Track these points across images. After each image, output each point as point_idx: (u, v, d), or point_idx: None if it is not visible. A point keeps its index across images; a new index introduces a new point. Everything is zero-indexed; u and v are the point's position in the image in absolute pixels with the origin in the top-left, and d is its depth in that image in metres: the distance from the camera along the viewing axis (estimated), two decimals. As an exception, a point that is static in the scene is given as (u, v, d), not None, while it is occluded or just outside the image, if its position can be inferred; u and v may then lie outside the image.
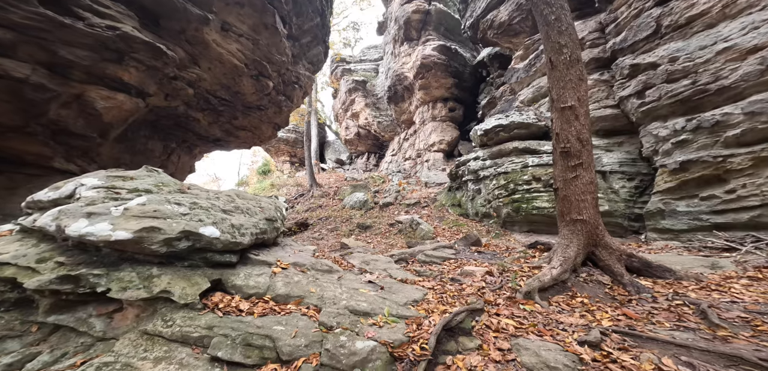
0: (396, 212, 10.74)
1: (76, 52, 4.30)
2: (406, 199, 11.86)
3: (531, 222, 6.57)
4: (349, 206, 13.97)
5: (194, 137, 9.02)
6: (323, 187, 17.08)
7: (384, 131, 21.02)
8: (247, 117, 9.24)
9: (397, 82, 16.93)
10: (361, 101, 20.87)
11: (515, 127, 7.73)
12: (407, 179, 15.89)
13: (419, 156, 16.85)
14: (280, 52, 8.12)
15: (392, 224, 9.28)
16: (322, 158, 25.36)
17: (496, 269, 3.37)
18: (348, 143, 23.52)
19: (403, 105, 18.00)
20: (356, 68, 22.53)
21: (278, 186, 19.27)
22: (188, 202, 2.13)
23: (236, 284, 2.14)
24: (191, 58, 6.32)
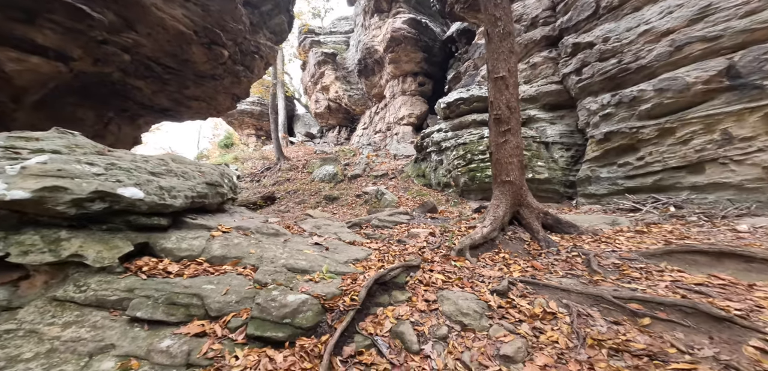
0: (364, 184, 10.88)
1: None
2: (374, 171, 12.01)
3: (485, 190, 7.02)
4: (319, 178, 13.88)
5: (137, 107, 8.35)
6: (291, 160, 16.70)
7: (355, 105, 20.67)
8: (200, 87, 8.67)
9: (368, 56, 16.54)
10: (331, 74, 20.19)
11: (475, 100, 7.99)
12: (377, 152, 15.98)
13: (389, 129, 16.91)
14: (235, 20, 7.57)
15: (359, 195, 9.44)
16: (291, 132, 24.55)
17: (438, 231, 3.64)
18: (318, 116, 22.91)
19: (373, 79, 17.71)
20: (326, 40, 21.55)
21: (242, 160, 18.52)
22: (105, 163, 2.04)
23: (166, 247, 2.13)
24: (125, 23, 5.73)
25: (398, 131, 15.78)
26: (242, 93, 10.38)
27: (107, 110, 7.69)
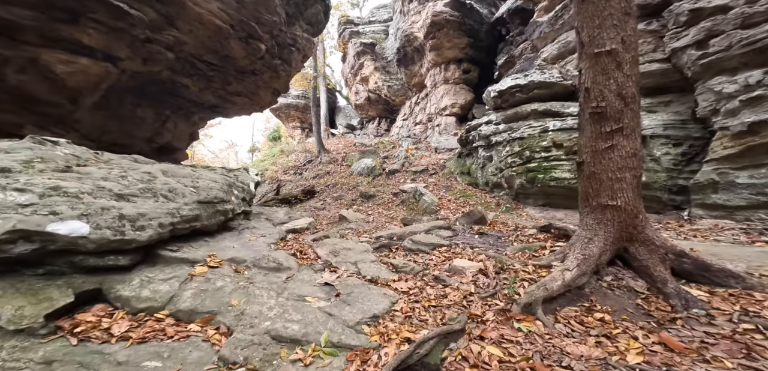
0: (402, 180, 10.07)
1: (14, 11, 3.69)
2: (413, 166, 11.10)
3: (547, 195, 5.74)
4: (357, 172, 13.43)
5: (189, 104, 8.51)
6: (331, 153, 16.54)
7: (395, 96, 19.75)
8: (242, 83, 8.56)
9: (407, 44, 15.41)
10: (370, 64, 19.48)
11: (535, 86, 6.60)
12: (416, 145, 14.98)
13: (430, 121, 15.74)
14: (270, 11, 7.17)
15: (396, 193, 8.66)
16: (332, 124, 24.61)
17: (492, 266, 2.69)
18: (358, 108, 22.49)
19: (413, 68, 16.56)
20: (365, 30, 20.81)
21: (287, 152, 18.92)
22: (46, 187, 1.57)
23: (123, 295, 1.63)
24: (166, 20, 5.57)
25: (440, 122, 14.55)
26: (282, 87, 10.16)
27: (164, 109, 7.92)
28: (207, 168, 3.15)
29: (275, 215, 8.02)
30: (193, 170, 2.69)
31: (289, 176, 16.18)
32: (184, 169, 2.68)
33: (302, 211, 8.80)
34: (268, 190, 15.17)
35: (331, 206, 9.14)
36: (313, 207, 9.02)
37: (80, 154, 2.15)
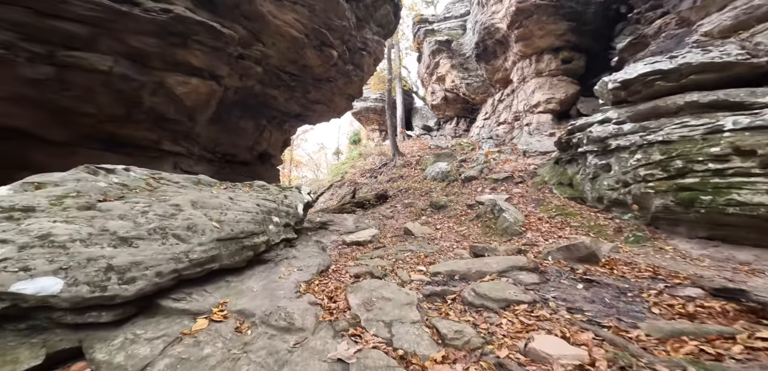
0: (479, 188, 8.65)
1: (143, 40, 4.31)
2: (493, 172, 9.48)
3: (719, 224, 3.63)
4: (430, 177, 12.53)
5: (280, 114, 9.24)
6: (406, 156, 16.07)
7: (474, 93, 17.91)
8: (319, 90, 8.81)
9: (487, 37, 13.56)
10: (447, 62, 18.17)
11: (692, 71, 4.35)
12: (499, 147, 13.01)
13: (517, 119, 13.47)
14: (339, 17, 7.06)
15: (471, 204, 7.38)
16: (409, 126, 24.24)
17: (606, 363, 1.46)
18: (435, 108, 21.41)
19: (495, 62, 14.52)
20: (440, 28, 19.54)
21: (365, 155, 19.40)
22: (34, 235, 1.38)
23: (97, 357, 1.34)
24: (253, 36, 5.97)
25: (530, 121, 12.22)
26: (356, 93, 10.14)
27: (261, 119, 8.82)
28: (258, 189, 2.97)
29: (344, 223, 7.91)
30: (231, 198, 2.47)
31: (365, 179, 16.46)
32: (219, 198, 2.49)
33: (371, 219, 8.48)
34: (346, 192, 15.79)
35: (400, 214, 8.55)
36: (381, 215, 8.61)
37: (130, 183, 2.14)
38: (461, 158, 13.84)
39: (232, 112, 7.82)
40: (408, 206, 9.35)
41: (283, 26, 6.09)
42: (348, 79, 9.06)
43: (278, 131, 9.93)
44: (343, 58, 8.21)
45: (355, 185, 15.79)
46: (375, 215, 9.43)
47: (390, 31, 10.50)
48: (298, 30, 6.39)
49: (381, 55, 10.20)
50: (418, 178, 13.04)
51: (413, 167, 14.82)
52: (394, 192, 12.19)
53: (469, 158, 13.79)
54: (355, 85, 9.59)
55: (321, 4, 6.46)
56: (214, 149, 7.42)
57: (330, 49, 7.46)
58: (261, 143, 9.21)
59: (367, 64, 9.54)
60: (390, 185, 13.76)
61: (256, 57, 6.24)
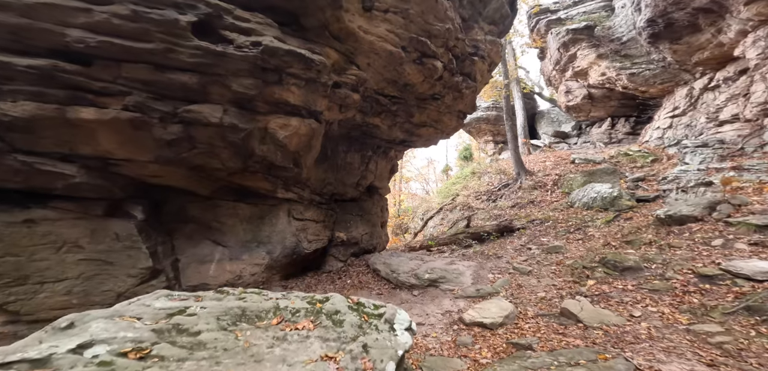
0: (713, 240, 4.56)
1: (242, 82, 4.25)
2: (747, 209, 5.12)
3: None
4: (581, 205, 8.84)
5: (384, 143, 8.67)
6: (536, 174, 12.49)
7: (645, 85, 12.50)
8: (424, 111, 7.62)
9: (673, 8, 8.97)
10: (590, 53, 13.66)
11: None
12: (732, 161, 7.85)
13: (767, 115, 7.91)
14: (439, 18, 5.71)
15: (712, 276, 3.70)
16: (533, 134, 19.72)
17: None
18: (572, 110, 16.50)
19: (694, 39, 9.44)
20: (569, 15, 15.15)
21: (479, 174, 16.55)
22: None
23: None
24: (346, 58, 5.42)
25: None
26: (467, 108, 8.38)
27: (366, 151, 8.50)
28: (326, 323, 1.80)
29: (460, 278, 5.77)
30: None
31: (481, 203, 13.76)
32: (303, 329, 1.45)
33: (495, 269, 6.14)
34: (458, 218, 13.56)
35: (541, 265, 5.79)
36: (510, 263, 6.12)
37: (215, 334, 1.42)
38: (635, 176, 9.21)
39: (338, 147, 7.65)
40: (551, 252, 6.36)
41: (376, 42, 5.29)
42: (457, 93, 7.47)
43: (384, 160, 9.32)
44: (449, 69, 6.75)
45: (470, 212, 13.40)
46: (500, 258, 6.94)
47: (506, 27, 8.34)
48: (393, 43, 5.45)
49: (497, 57, 8.12)
50: (560, 205, 9.43)
51: (548, 189, 11.12)
52: (522, 224, 9.20)
53: (653, 175, 8.98)
54: (466, 99, 7.87)
55: (416, 6, 5.32)
56: (321, 191, 7.32)
57: (432, 61, 6.17)
58: (367, 177, 8.75)
59: (479, 71, 7.70)
60: (516, 214, 10.65)
61: (351, 83, 5.67)
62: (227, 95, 4.17)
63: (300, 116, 5.10)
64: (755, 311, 3.07)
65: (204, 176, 5.02)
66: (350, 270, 7.55)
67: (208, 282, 5.32)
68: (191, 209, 5.49)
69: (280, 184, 6.03)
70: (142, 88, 3.74)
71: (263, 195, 6.03)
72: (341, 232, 8.10)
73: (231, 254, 5.76)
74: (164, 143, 3.97)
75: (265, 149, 5.04)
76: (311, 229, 7.01)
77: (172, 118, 3.84)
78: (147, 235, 4.76)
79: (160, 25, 3.45)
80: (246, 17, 3.88)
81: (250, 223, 6.00)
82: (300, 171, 5.89)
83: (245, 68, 3.96)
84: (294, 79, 4.58)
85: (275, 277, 6.52)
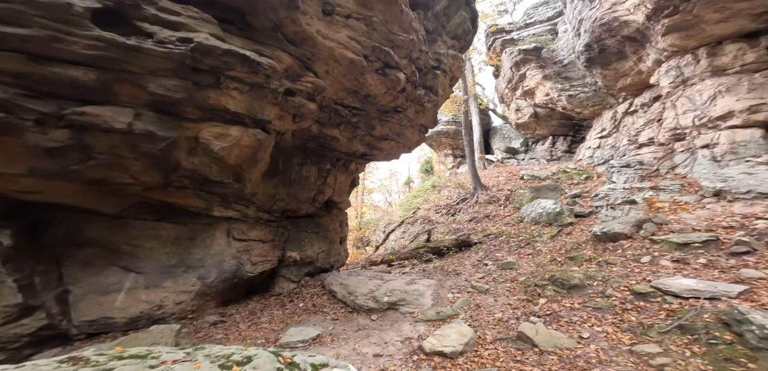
0: (642, 256, 5.09)
1: (165, 83, 3.47)
2: (668, 228, 5.82)
3: None
4: (530, 219, 9.41)
5: (345, 156, 8.19)
6: (490, 189, 13.14)
7: (580, 107, 14.04)
8: (386, 124, 7.35)
9: (606, 35, 10.15)
10: (537, 73, 14.99)
11: None
12: (652, 181, 8.98)
13: (679, 139, 9.19)
14: (404, 29, 5.54)
15: (645, 294, 4.03)
16: (487, 148, 21.02)
17: None
18: (521, 127, 17.94)
19: (621, 65, 10.79)
20: (521, 36, 16.62)
21: (439, 187, 17.06)
22: None
23: None
24: (302, 64, 4.89)
25: (715, 140, 7.93)
26: (429, 122, 8.36)
27: (325, 164, 7.89)
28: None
29: (420, 300, 5.64)
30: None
31: (441, 216, 14.11)
32: None
33: (454, 287, 6.12)
34: (419, 232, 13.69)
35: (497, 282, 5.91)
36: (469, 283, 6.15)
37: None
38: (574, 192, 10.20)
39: (292, 160, 6.98)
40: (505, 269, 6.59)
41: (336, 48, 4.86)
42: (420, 106, 7.38)
43: (344, 174, 8.84)
44: (412, 82, 6.62)
45: (430, 225, 13.62)
46: (459, 275, 6.98)
47: (467, 42, 8.59)
48: (355, 51, 5.08)
49: (458, 72, 8.28)
50: (512, 220, 10.00)
51: (502, 203, 11.78)
52: (479, 239, 9.53)
53: (587, 192, 10.02)
54: (428, 113, 7.84)
55: (380, 14, 5.06)
56: (271, 208, 6.54)
57: (395, 72, 5.96)
58: (325, 191, 8.16)
59: (441, 85, 7.74)
60: (473, 228, 11.06)
61: (307, 91, 5.14)
62: (142, 97, 3.35)
63: (242, 125, 4.42)
64: (687, 330, 3.29)
65: (108, 192, 4.02)
66: (304, 292, 6.88)
67: (113, 316, 4.36)
68: (89, 230, 4.39)
69: (217, 201, 5.19)
70: (11, 83, 2.77)
71: (194, 214, 5.13)
72: (294, 251, 7.38)
73: (148, 281, 4.80)
74: (43, 152, 3.01)
75: (196, 161, 4.25)
76: (257, 250, 6.22)
77: (56, 121, 2.92)
78: (17, 264, 3.68)
79: (42, 9, 2.59)
80: (175, 10, 3.16)
81: (177, 245, 5.09)
82: (242, 187, 5.15)
83: (168, 67, 3.21)
84: (236, 84, 3.92)
85: (210, 304, 5.62)
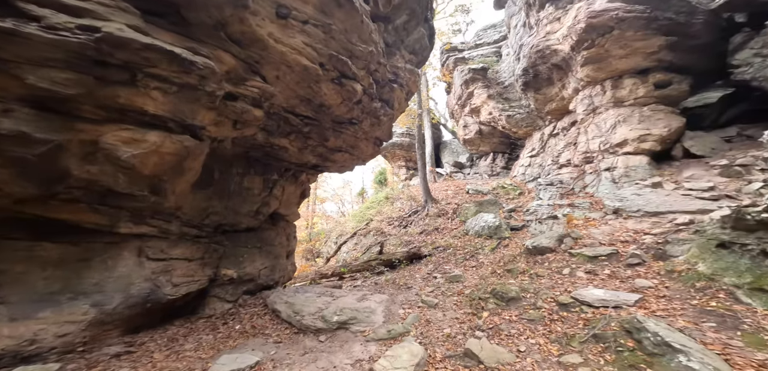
0: (564, 269, 5.78)
1: (50, 75, 2.70)
2: (581, 243, 6.73)
3: None
4: (474, 232, 10.03)
5: (295, 166, 7.57)
6: (440, 203, 13.73)
7: (516, 127, 15.65)
8: (340, 136, 7.04)
9: (539, 61, 11.52)
10: (483, 92, 16.30)
11: None
12: (569, 199, 10.31)
13: (589, 161, 10.79)
14: (364, 40, 5.38)
15: (566, 304, 4.52)
16: (438, 162, 22.14)
17: None
18: (467, 143, 19.29)
19: (548, 91, 12.32)
20: (471, 55, 18.02)
21: (392, 199, 17.28)
22: None
23: None
24: (248, 67, 4.34)
25: (614, 165, 9.53)
26: (384, 135, 8.30)
27: (271, 174, 7.17)
28: None
29: (371, 317, 5.51)
30: None
31: (393, 228, 14.25)
32: None
33: (406, 303, 6.12)
34: (372, 244, 13.59)
35: (445, 296, 6.11)
36: (419, 297, 6.22)
37: None
38: (510, 206, 11.26)
39: (232, 170, 6.18)
40: (453, 282, 6.86)
41: (289, 53, 4.43)
42: (375, 119, 7.27)
43: (293, 185, 8.21)
44: (369, 94, 6.47)
45: (383, 237, 13.63)
46: (410, 289, 7.04)
47: (424, 58, 8.83)
48: (310, 58, 4.72)
49: (414, 87, 8.44)
50: (459, 233, 10.58)
51: (450, 217, 12.41)
52: (429, 251, 9.83)
53: (520, 207, 11.17)
54: (383, 126, 7.77)
55: (340, 23, 4.80)
56: (201, 222, 5.66)
57: (352, 83, 5.73)
58: (271, 203, 7.45)
59: (397, 99, 7.77)
60: (423, 240, 11.39)
61: (253, 96, 4.58)
62: (15, 91, 2.52)
63: (165, 130, 3.71)
64: (600, 339, 3.57)
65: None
66: (242, 313, 6.14)
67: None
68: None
69: (125, 216, 4.27)
70: None
71: (91, 231, 4.12)
72: (230, 269, 6.54)
73: (14, 312, 3.75)
74: None
75: (94, 170, 3.42)
76: (180, 269, 5.33)
77: None
78: None
79: None
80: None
81: (62, 268, 4.05)
82: (162, 200, 4.34)
83: (59, 57, 2.48)
84: (158, 83, 3.25)
85: (111, 334, 4.58)
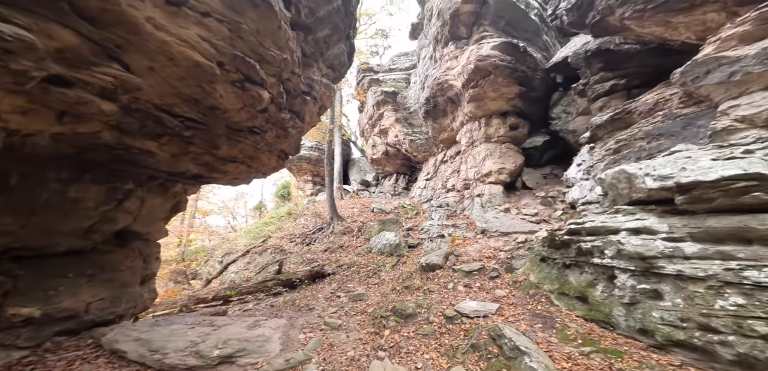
0: (449, 284, 6.65)
1: None
2: (461, 261, 7.86)
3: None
4: (377, 250, 10.41)
5: (165, 175, 5.90)
6: (346, 221, 13.66)
7: (416, 151, 17.42)
8: (236, 145, 5.99)
9: (439, 93, 13.27)
10: (391, 115, 17.51)
11: None
12: (453, 220, 11.97)
13: (467, 188, 12.91)
14: (279, 46, 4.81)
15: (451, 317, 5.17)
16: (346, 179, 22.17)
17: None
18: (374, 162, 20.16)
19: (443, 121, 14.28)
20: (385, 78, 19.27)
21: (295, 215, 16.07)
22: None
23: None
24: (103, 51, 3.11)
25: (482, 192, 11.72)
26: (291, 149, 7.61)
27: (123, 182, 5.31)
28: None
29: (266, 346, 4.56)
30: None
31: (295, 246, 13.20)
32: None
33: (306, 327, 5.60)
34: (269, 262, 12.16)
35: (349, 316, 6.00)
36: (322, 319, 5.83)
37: None
38: (408, 225, 12.31)
39: (47, 175, 4.28)
40: (356, 301, 6.86)
41: (175, 45, 3.41)
42: (282, 130, 6.55)
43: (159, 196, 6.43)
44: (277, 103, 5.77)
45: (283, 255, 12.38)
46: (312, 310, 6.59)
47: (341, 74, 8.68)
48: (206, 54, 3.78)
49: (328, 102, 8.13)
50: (363, 250, 10.76)
51: (355, 234, 12.49)
52: (333, 269, 9.57)
53: (417, 227, 12.35)
54: (291, 139, 7.11)
55: (252, 23, 4.10)
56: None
57: (259, 89, 4.97)
58: (117, 219, 5.59)
59: (309, 112, 7.29)
60: (327, 258, 11.02)
61: (101, 86, 3.28)
62: None
63: None
64: (476, 348, 4.03)
65: None
66: (48, 360, 4.36)
67: None
68: None
69: None
70: None
71: None
72: (27, 306, 4.65)
73: None
74: None
75: None
76: None
77: None
78: None
79: None
80: None
81: None
82: None
83: None
84: None
85: None
